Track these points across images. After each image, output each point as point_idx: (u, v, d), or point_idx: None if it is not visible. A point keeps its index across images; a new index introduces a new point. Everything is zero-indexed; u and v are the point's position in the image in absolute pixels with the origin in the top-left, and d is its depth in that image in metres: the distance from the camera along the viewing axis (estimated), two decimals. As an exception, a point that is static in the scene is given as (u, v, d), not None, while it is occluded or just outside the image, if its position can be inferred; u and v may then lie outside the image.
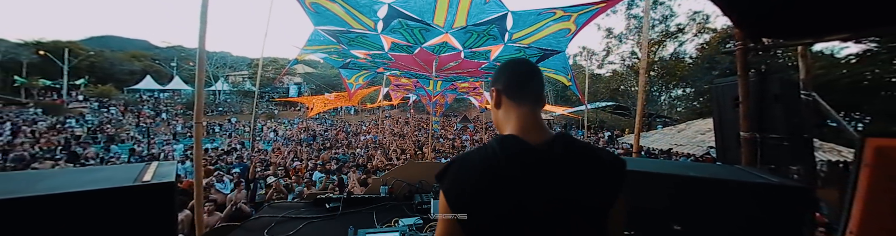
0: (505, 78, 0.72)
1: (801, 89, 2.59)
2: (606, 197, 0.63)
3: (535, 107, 0.68)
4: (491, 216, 0.57)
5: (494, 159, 0.58)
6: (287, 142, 11.82)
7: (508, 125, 0.68)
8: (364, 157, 6.94)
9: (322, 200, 1.82)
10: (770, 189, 0.92)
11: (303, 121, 19.01)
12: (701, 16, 13.36)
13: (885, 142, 0.71)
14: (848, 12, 1.62)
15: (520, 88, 0.70)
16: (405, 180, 1.95)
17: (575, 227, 0.59)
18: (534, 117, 0.67)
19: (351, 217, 1.66)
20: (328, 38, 3.78)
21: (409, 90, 8.87)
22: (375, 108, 20.02)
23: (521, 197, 0.56)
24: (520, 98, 0.69)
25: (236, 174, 5.41)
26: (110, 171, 1.12)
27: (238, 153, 8.15)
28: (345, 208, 1.72)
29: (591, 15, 3.10)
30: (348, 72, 5.87)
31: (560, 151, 0.60)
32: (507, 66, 0.74)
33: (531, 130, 0.65)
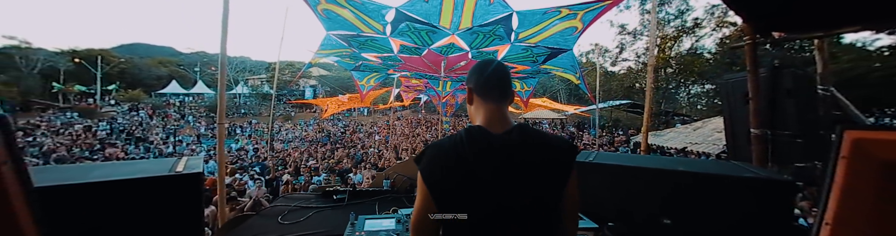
0: (475, 78, 0.81)
1: (819, 84, 2.52)
2: (557, 176, 0.73)
3: (501, 102, 0.78)
4: (457, 191, 0.68)
5: (461, 144, 0.69)
6: (303, 142, 12.20)
7: (477, 118, 0.79)
8: (376, 156, 7.10)
9: (330, 192, 1.99)
10: (758, 183, 0.94)
11: (318, 123, 19.51)
12: (720, 9, 12.85)
13: (862, 135, 0.72)
14: (859, 4, 1.60)
15: (487, 87, 0.79)
16: (406, 175, 2.08)
17: (534, 206, 0.70)
18: (498, 111, 0.77)
19: (356, 207, 1.81)
20: (340, 42, 3.93)
21: (420, 91, 8.99)
22: (387, 109, 20.31)
23: (482, 175, 0.67)
24: (486, 95, 0.79)
25: (256, 172, 5.70)
26: (148, 164, 1.30)
27: (257, 153, 8.50)
28: (350, 199, 1.89)
29: (597, 12, 3.10)
30: (360, 74, 6.04)
31: (516, 138, 0.71)
32: (477, 68, 0.83)
33: (495, 122, 0.75)
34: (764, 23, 2.14)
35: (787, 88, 2.26)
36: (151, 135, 14.64)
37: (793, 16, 1.88)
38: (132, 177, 1.07)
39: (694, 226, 1.14)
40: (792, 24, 2.10)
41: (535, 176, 0.70)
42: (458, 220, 0.68)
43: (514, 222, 0.69)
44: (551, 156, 0.72)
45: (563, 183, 0.73)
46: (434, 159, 0.70)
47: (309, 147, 9.68)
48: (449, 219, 0.68)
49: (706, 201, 1.11)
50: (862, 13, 1.74)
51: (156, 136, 14.24)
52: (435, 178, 0.69)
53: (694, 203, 1.15)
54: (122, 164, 1.35)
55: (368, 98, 9.87)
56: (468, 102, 0.84)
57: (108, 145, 10.59)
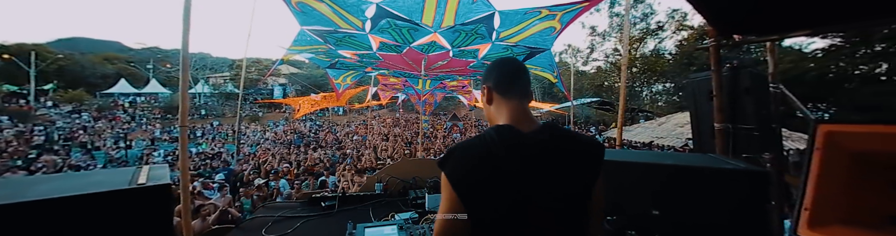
0: (495, 76, 0.78)
1: (770, 82, 2.78)
2: (590, 175, 0.72)
3: (523, 101, 0.76)
4: (491, 192, 0.64)
5: (492, 145, 0.65)
6: (274, 144, 11.63)
7: (500, 118, 0.75)
8: (354, 158, 6.92)
9: (317, 199, 1.85)
10: (737, 174, 1.02)
11: (289, 123, 18.69)
12: (679, 13, 13.82)
13: (834, 128, 0.81)
14: (810, 10, 1.77)
15: (509, 85, 0.77)
16: (399, 177, 2.01)
17: (566, 203, 0.68)
18: (523, 110, 0.75)
19: (347, 214, 1.70)
20: (315, 38, 3.76)
21: (398, 89, 8.86)
22: (364, 108, 19.87)
23: (517, 177, 0.64)
24: (509, 93, 0.76)
25: (221, 179, 5.32)
26: (104, 175, 1.11)
27: (223, 157, 7.97)
28: (340, 206, 1.76)
29: (574, 13, 3.20)
30: (335, 72, 5.83)
31: (548, 137, 0.69)
32: (496, 65, 0.80)
33: (521, 120, 0.73)
34: (727, 26, 2.32)
35: (746, 86, 2.47)
36: (98, 140, 13.31)
37: (753, 20, 2.05)
38: (85, 193, 0.88)
39: (681, 217, 1.22)
40: (752, 27, 2.29)
41: (570, 174, 0.69)
42: (491, 222, 0.64)
43: (549, 221, 0.66)
44: (584, 154, 0.72)
45: (594, 180, 0.73)
46: (464, 160, 0.66)
47: (280, 149, 9.23)
48: (481, 221, 0.64)
49: (690, 192, 1.19)
50: (813, 18, 1.93)
51: (104, 142, 12.96)
52: (467, 181, 0.65)
53: (679, 194, 1.23)
54: (71, 176, 1.14)
55: (344, 97, 9.59)
56: (486, 102, 0.80)
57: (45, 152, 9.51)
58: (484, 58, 4.30)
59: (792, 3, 1.63)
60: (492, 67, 0.81)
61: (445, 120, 18.07)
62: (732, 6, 1.81)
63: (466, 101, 10.51)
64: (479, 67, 4.86)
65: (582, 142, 0.73)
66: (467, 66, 4.82)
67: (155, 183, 0.97)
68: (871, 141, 0.78)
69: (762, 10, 1.85)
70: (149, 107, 22.83)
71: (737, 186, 1.02)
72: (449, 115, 19.24)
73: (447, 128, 14.64)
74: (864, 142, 0.79)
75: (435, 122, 16.58)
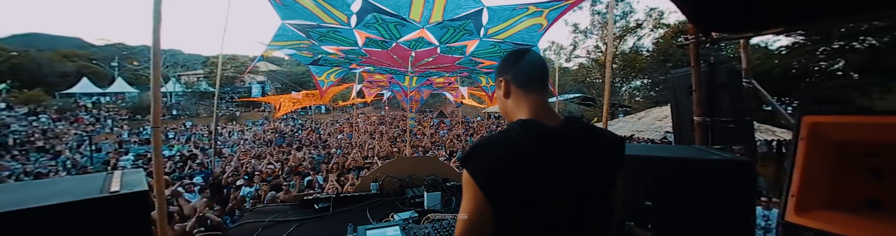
0: (514, 68, 0.74)
1: (743, 78, 2.93)
2: (615, 169, 0.71)
3: (544, 93, 0.73)
4: (520, 190, 0.61)
5: (519, 140, 0.62)
6: (254, 144, 11.26)
7: (520, 112, 0.71)
8: (339, 157, 6.79)
9: (310, 201, 1.76)
10: (723, 164, 1.07)
11: (270, 122, 18.13)
12: (656, 12, 14.28)
13: (818, 119, 0.87)
14: (782, 9, 1.87)
15: (530, 78, 0.73)
16: (395, 176, 1.97)
17: (594, 199, 0.66)
18: (545, 104, 0.72)
19: (343, 216, 1.63)
20: (297, 33, 3.62)
21: (384, 86, 8.73)
22: (348, 106, 19.50)
23: (546, 171, 0.62)
24: (529, 87, 0.72)
25: (199, 182, 5.11)
26: (71, 183, 1.01)
27: (199, 159, 7.62)
28: (335, 207, 1.69)
29: (561, 11, 3.23)
30: (319, 68, 5.67)
31: (576, 131, 0.67)
32: (516, 57, 0.75)
33: (545, 114, 0.70)
34: (706, 24, 2.41)
35: (723, 82, 2.60)
36: (59, 143, 12.45)
37: (730, 18, 2.14)
38: (50, 204, 0.78)
39: (673, 207, 1.27)
40: (729, 25, 2.40)
41: (598, 167, 0.68)
42: (519, 218, 0.61)
43: (578, 214, 0.65)
44: (610, 149, 0.71)
45: (618, 174, 0.72)
46: (490, 156, 0.62)
47: (262, 149, 8.92)
48: (507, 218, 0.61)
49: (681, 182, 1.24)
50: (785, 17, 2.04)
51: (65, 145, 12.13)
52: (494, 176, 0.61)
53: (671, 185, 1.28)
54: (32, 185, 1.03)
55: (328, 95, 9.36)
56: (502, 96, 0.75)
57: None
58: (472, 54, 4.29)
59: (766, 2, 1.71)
60: (510, 59, 0.75)
61: (432, 117, 18.04)
62: (712, 5, 1.88)
63: (453, 98, 10.50)
64: (466, 64, 4.85)
65: (605, 136, 0.72)
66: (455, 63, 4.80)
67: (130, 191, 0.88)
68: (850, 130, 0.83)
69: (739, 9, 1.93)
70: (115, 108, 21.48)
71: (725, 175, 1.07)
72: (436, 112, 19.20)
73: (434, 125, 14.63)
74: (844, 132, 0.84)
75: (422, 120, 16.52)
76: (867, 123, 0.79)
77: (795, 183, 0.87)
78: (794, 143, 0.90)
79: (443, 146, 8.49)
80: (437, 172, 2.01)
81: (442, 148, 8.26)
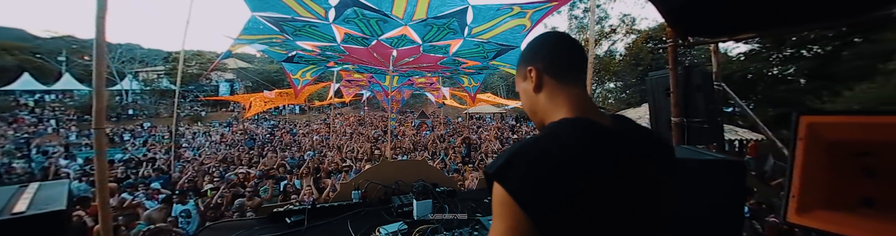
0: (547, 54, 0.60)
1: (714, 80, 3.07)
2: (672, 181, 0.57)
3: (585, 87, 0.60)
4: (583, 216, 0.45)
5: (577, 147, 0.47)
6: (221, 147, 10.57)
7: (558, 110, 0.56)
8: (315, 160, 6.48)
9: (280, 214, 1.55)
10: (717, 164, 1.07)
11: (239, 123, 17.18)
12: (629, 18, 15.03)
13: (815, 119, 0.88)
14: (755, 16, 1.96)
15: (569, 66, 0.59)
16: (380, 182, 1.80)
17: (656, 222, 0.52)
18: (588, 98, 0.58)
19: (320, 230, 1.43)
20: (269, 27, 3.40)
21: (363, 86, 8.50)
22: (325, 106, 18.88)
23: (616, 189, 0.47)
24: (567, 77, 0.58)
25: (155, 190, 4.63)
26: None
27: (158, 164, 6.98)
28: (310, 220, 1.49)
29: (544, 12, 3.25)
30: (293, 66, 5.40)
31: (635, 132, 0.55)
32: (549, 40, 0.62)
33: (591, 111, 0.56)
34: (685, 28, 2.49)
35: (697, 84, 2.70)
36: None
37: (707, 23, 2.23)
38: None
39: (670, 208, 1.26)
40: (706, 30, 2.50)
41: (666, 179, 0.54)
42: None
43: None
44: (669, 153, 0.58)
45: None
46: (539, 170, 0.45)
47: (230, 152, 8.35)
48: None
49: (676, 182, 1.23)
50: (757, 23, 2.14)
51: (1, 147, 10.86)
52: (550, 197, 0.44)
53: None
54: None
55: (303, 94, 8.98)
56: (531, 90, 0.60)
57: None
58: (455, 54, 4.23)
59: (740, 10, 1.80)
60: (541, 43, 0.61)
61: (413, 117, 17.85)
62: (691, 10, 1.95)
63: (434, 99, 10.42)
64: (449, 64, 4.79)
65: (660, 139, 0.59)
66: (438, 63, 4.73)
67: (39, 212, 0.69)
68: (844, 130, 0.85)
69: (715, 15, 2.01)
70: (61, 107, 19.53)
71: (718, 175, 1.07)
72: (417, 113, 19.03)
73: (416, 126, 14.46)
74: (838, 132, 0.85)
75: (402, 120, 16.30)
76: (860, 123, 0.81)
77: (796, 183, 0.87)
78: (793, 144, 0.90)
79: (425, 147, 8.36)
80: (426, 177, 1.88)
81: (424, 149, 8.13)
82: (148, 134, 15.01)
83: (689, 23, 2.29)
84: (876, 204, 0.79)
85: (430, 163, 2.93)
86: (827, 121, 0.86)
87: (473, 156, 7.01)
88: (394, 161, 2.40)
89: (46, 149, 11.31)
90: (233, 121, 18.68)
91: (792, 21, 1.92)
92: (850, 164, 0.84)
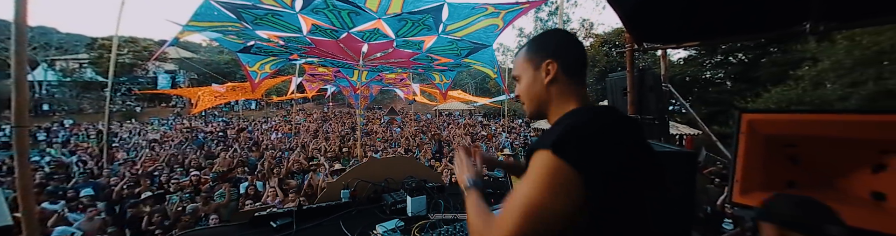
0: (570, 51, 0.64)
1: (662, 82, 3.42)
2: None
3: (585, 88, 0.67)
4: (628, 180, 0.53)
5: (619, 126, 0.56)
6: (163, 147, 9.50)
7: (569, 102, 0.63)
8: (271, 159, 6.07)
9: (263, 218, 1.44)
10: (676, 155, 1.22)
11: (182, 120, 15.58)
12: (588, 23, 16.01)
13: (754, 116, 1.05)
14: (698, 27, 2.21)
15: (582, 65, 0.65)
16: (369, 180, 1.76)
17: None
18: (588, 96, 0.66)
19: (311, 232, 1.36)
20: (225, 13, 3.09)
21: (328, 80, 8.13)
22: (284, 102, 17.76)
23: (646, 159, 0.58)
24: (579, 75, 0.64)
25: (88, 197, 4.08)
26: None
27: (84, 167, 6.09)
28: (299, 223, 1.41)
29: (516, 13, 3.35)
30: (250, 57, 4.97)
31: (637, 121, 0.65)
32: (571, 38, 0.65)
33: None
34: (642, 36, 2.74)
35: (650, 85, 2.99)
36: None
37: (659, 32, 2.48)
38: None
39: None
40: (658, 37, 2.76)
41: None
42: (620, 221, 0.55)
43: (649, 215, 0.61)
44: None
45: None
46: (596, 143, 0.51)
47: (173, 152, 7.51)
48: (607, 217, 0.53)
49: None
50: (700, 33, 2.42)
51: None
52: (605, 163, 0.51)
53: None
54: None
55: (261, 88, 8.39)
56: (545, 82, 0.64)
57: None
58: (428, 50, 4.21)
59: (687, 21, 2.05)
60: (565, 39, 0.65)
61: (382, 114, 17.47)
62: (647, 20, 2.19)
63: (404, 95, 10.27)
64: (421, 60, 4.75)
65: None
66: (411, 58, 4.67)
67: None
68: (776, 125, 1.01)
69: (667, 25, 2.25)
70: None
71: (675, 165, 1.22)
72: (385, 109, 18.64)
73: (385, 123, 14.17)
74: (771, 127, 1.02)
75: (371, 117, 15.89)
76: (789, 120, 0.97)
77: (739, 170, 1.02)
78: (735, 137, 1.05)
79: (396, 144, 8.25)
80: (414, 174, 1.87)
81: (395, 146, 8.02)
82: (69, 132, 13.05)
83: (645, 30, 2.52)
84: (798, 185, 0.97)
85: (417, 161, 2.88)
86: (763, 118, 1.02)
87: (445, 153, 7.08)
88: (382, 158, 2.34)
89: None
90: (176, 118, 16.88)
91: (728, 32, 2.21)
92: (780, 154, 1.00)
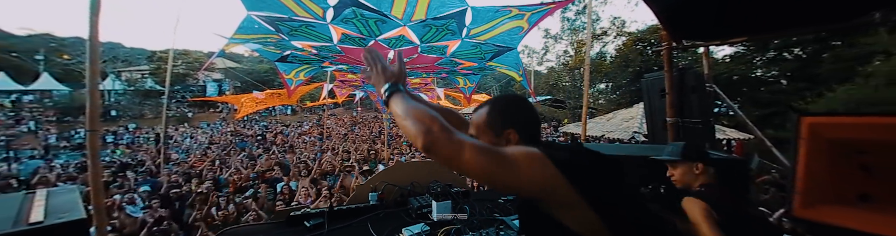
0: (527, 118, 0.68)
1: (706, 82, 3.17)
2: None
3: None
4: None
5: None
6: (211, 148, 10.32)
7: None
8: (308, 162, 6.38)
9: (299, 217, 1.51)
10: (725, 162, 1.11)
11: (228, 124, 16.83)
12: (619, 21, 15.32)
13: (816, 120, 0.93)
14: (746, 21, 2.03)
15: (538, 131, 0.68)
16: (396, 183, 1.79)
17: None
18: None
19: (342, 233, 1.42)
20: (264, 26, 3.34)
21: (357, 86, 8.44)
22: (317, 107, 18.66)
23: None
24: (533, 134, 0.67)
25: (145, 193, 4.53)
26: None
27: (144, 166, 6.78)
28: (330, 224, 1.47)
29: (542, 14, 3.30)
30: (287, 66, 5.31)
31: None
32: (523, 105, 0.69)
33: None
34: (680, 32, 2.57)
35: (691, 85, 2.78)
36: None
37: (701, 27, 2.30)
38: None
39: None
40: (700, 33, 2.57)
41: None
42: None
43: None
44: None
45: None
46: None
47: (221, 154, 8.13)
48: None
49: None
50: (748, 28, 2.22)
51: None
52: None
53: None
54: None
55: (296, 94, 8.86)
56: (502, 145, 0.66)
57: None
58: (452, 55, 4.25)
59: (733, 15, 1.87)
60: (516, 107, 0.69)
61: (403, 119, 17.72)
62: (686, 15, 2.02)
63: (428, 99, 10.41)
64: (445, 64, 4.80)
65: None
66: (435, 63, 4.73)
67: (60, 221, 0.65)
68: (842, 130, 0.89)
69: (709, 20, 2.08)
70: (39, 108, 18.80)
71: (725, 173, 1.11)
72: (410, 114, 18.88)
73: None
74: (837, 132, 0.90)
75: (396, 121, 16.23)
76: (856, 123, 0.85)
77: (800, 180, 0.92)
78: (795, 143, 0.94)
79: (418, 148, 8.33)
80: (439, 178, 1.87)
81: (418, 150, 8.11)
82: (133, 135, 14.57)
83: (683, 27, 2.36)
84: (872, 198, 0.84)
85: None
86: (827, 122, 0.90)
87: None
88: (408, 162, 2.38)
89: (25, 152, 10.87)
90: (222, 122, 18.29)
91: (781, 26, 2.00)
92: (849, 162, 0.88)
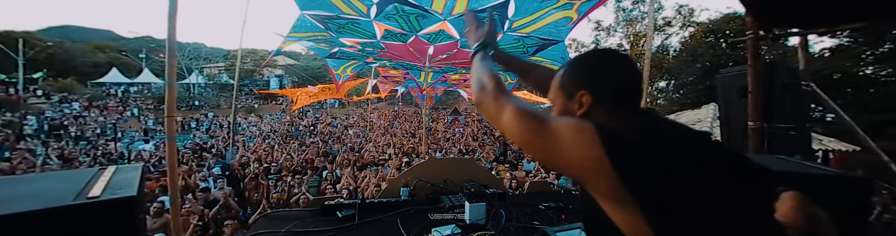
0: (613, 79, 0.52)
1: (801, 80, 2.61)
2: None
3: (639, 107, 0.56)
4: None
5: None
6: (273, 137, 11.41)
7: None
8: (353, 152, 6.72)
9: (332, 207, 1.55)
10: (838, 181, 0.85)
11: (286, 115, 18.43)
12: (687, 9, 13.48)
13: None
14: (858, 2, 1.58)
15: (631, 94, 0.52)
16: (428, 180, 1.73)
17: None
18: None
19: (371, 227, 1.41)
20: (315, 25, 3.51)
21: (398, 82, 8.61)
22: (362, 101, 19.61)
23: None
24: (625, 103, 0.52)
25: (217, 173, 5.17)
26: (46, 182, 0.82)
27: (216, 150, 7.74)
28: (360, 216, 1.48)
29: (594, 3, 2.97)
30: (336, 62, 5.57)
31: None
32: (613, 61, 0.53)
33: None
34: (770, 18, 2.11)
35: (784, 83, 2.29)
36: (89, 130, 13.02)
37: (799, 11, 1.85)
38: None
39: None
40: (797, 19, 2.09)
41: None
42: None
43: None
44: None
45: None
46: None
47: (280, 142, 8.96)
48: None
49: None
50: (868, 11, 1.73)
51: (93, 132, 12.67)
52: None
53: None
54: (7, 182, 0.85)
55: (344, 89, 9.32)
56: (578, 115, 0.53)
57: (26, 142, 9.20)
58: (493, 49, 4.07)
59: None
60: (604, 64, 0.53)
61: (446, 114, 17.88)
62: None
63: (467, 96, 10.31)
64: (486, 60, 4.63)
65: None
66: (474, 59, 4.60)
67: (112, 197, 0.68)
68: None
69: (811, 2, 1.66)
70: (142, 98, 22.40)
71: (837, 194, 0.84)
72: (449, 109, 19.04)
73: (448, 123, 14.46)
74: None
75: (436, 117, 16.43)
76: None
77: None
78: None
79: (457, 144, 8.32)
80: (473, 177, 1.78)
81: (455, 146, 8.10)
82: (210, 123, 16.68)
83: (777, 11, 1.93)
84: None
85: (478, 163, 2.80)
86: None
87: (509, 155, 6.80)
88: (441, 158, 2.33)
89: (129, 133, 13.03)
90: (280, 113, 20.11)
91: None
92: None
